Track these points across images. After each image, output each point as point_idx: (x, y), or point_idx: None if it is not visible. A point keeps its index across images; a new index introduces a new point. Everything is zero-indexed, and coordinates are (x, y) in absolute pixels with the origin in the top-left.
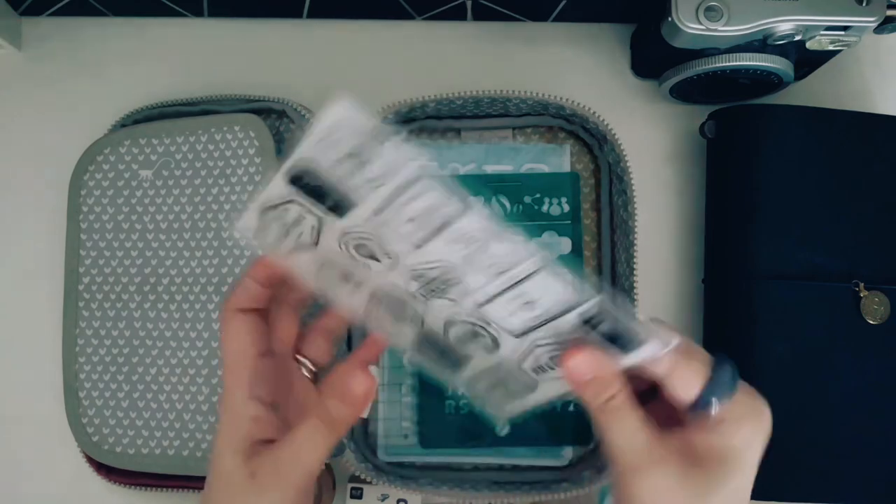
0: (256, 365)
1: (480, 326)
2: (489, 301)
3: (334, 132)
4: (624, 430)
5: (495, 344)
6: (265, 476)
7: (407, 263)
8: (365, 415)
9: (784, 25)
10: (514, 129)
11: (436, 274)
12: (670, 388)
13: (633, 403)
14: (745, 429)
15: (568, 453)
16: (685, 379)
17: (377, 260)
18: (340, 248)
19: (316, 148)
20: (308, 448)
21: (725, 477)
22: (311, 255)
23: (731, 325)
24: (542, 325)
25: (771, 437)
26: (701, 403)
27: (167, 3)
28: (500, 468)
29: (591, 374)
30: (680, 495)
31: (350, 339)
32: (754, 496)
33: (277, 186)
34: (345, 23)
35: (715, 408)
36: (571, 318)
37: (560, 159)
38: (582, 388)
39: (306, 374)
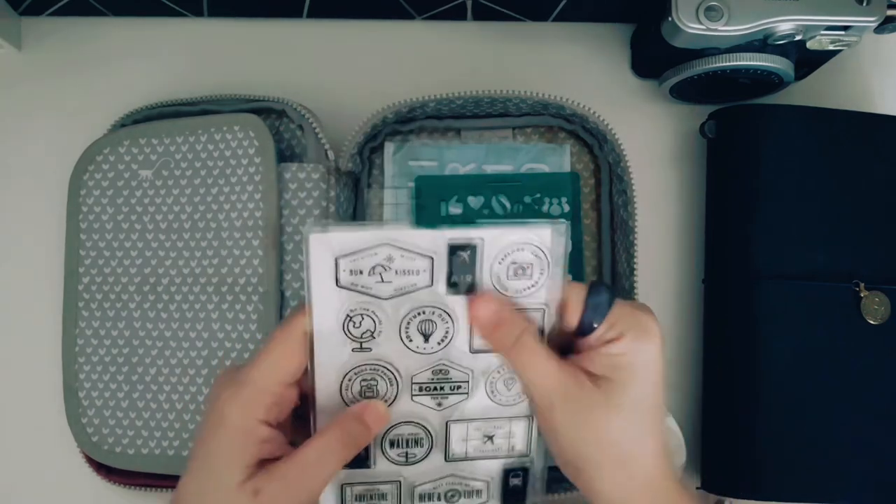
0: (282, 392)
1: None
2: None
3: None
4: (536, 364)
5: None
6: (271, 494)
7: (445, 358)
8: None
9: (784, 25)
10: (514, 129)
11: (457, 380)
12: (569, 310)
13: (539, 339)
14: (628, 341)
15: None
16: (567, 308)
17: (427, 340)
18: (407, 316)
19: (497, 254)
20: (318, 467)
21: (623, 388)
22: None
23: (731, 325)
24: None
25: (772, 436)
26: (583, 327)
27: (167, 3)
28: None
29: (497, 316)
30: (590, 417)
31: None
32: (755, 496)
33: (427, 240)
34: (345, 23)
35: (595, 328)
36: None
37: (560, 159)
38: (493, 333)
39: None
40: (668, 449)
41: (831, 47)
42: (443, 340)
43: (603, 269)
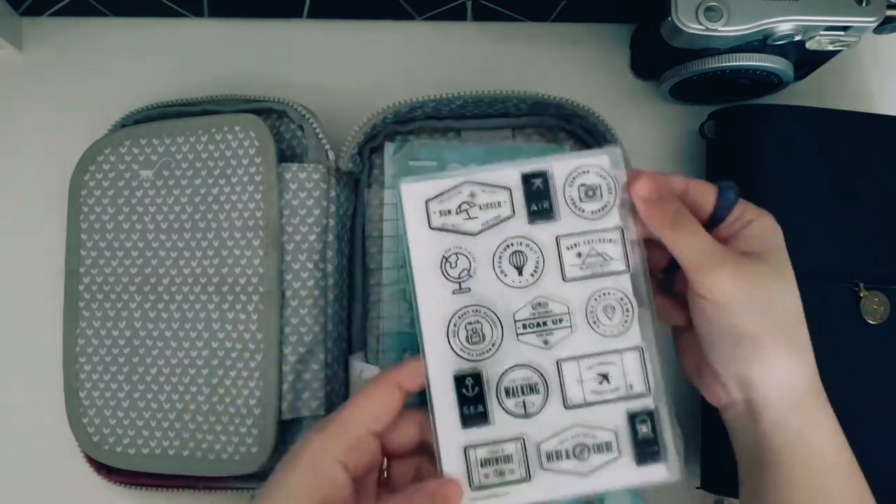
0: (364, 436)
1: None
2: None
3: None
4: (694, 235)
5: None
6: None
7: (541, 291)
8: None
9: (784, 25)
10: (514, 129)
11: (557, 313)
12: (693, 203)
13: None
14: (767, 222)
15: None
16: (702, 194)
17: (520, 272)
18: (498, 249)
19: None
20: None
21: (783, 261)
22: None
23: None
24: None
25: None
26: (714, 218)
27: (167, 3)
28: None
29: (657, 191)
30: (760, 284)
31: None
32: None
33: (503, 174)
34: (345, 23)
35: (723, 219)
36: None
37: None
38: (654, 207)
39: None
40: None
41: (831, 47)
42: (535, 272)
43: None
